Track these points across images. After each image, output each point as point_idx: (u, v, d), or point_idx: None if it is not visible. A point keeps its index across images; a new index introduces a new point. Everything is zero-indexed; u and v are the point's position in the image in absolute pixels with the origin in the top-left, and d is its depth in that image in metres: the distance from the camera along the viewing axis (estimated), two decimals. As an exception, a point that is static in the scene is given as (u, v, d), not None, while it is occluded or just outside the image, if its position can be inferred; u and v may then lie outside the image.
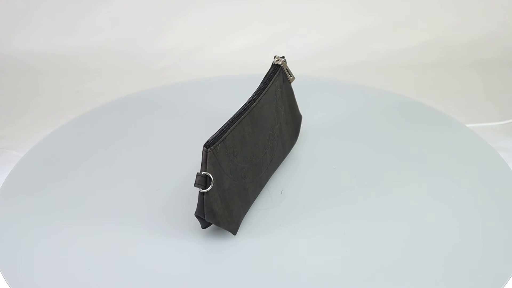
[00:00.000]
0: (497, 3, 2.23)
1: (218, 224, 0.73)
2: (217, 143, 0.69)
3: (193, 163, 0.90)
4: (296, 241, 0.75)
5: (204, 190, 0.69)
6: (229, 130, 0.72)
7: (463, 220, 0.78)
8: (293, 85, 0.89)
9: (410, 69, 2.11)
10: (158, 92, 1.13)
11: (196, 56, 2.18)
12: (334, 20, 2.23)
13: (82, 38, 2.21)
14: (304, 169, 0.89)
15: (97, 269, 0.71)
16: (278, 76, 0.83)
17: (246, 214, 0.78)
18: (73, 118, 1.04)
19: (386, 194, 0.83)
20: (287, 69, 0.85)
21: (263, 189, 0.83)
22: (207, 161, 0.69)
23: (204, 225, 0.75)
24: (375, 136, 0.96)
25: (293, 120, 0.90)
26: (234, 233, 0.75)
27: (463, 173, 0.87)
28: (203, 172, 0.69)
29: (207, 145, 0.68)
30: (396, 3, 2.24)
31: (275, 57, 0.84)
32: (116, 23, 2.23)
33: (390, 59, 2.15)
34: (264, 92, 0.79)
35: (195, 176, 0.69)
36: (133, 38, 2.22)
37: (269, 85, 0.81)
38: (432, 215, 0.79)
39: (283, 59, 0.84)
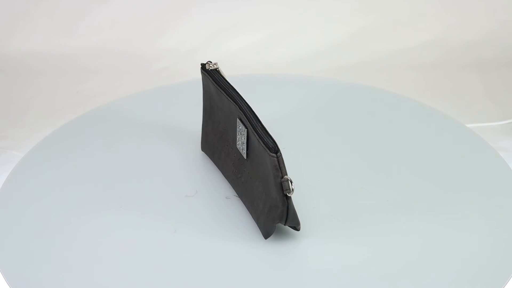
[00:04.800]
0: (497, 3, 2.23)
1: (298, 224, 0.73)
2: (277, 145, 0.69)
3: (194, 161, 0.90)
4: (350, 220, 0.77)
5: (290, 194, 0.68)
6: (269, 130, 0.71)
7: (462, 220, 0.78)
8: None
9: (410, 69, 2.11)
10: (158, 92, 1.13)
11: (196, 56, 2.18)
12: (334, 20, 2.23)
13: (82, 38, 2.21)
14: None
15: (110, 270, 0.71)
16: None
17: None
18: (73, 118, 1.04)
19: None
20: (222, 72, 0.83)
21: None
22: (280, 165, 0.68)
23: (269, 234, 0.73)
24: (371, 135, 0.96)
25: None
26: (299, 228, 0.74)
27: (462, 173, 0.87)
28: (285, 177, 0.68)
29: (275, 150, 0.67)
30: (396, 3, 2.24)
31: (207, 63, 0.82)
32: (116, 23, 2.23)
33: (390, 59, 2.15)
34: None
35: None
36: (132, 38, 2.22)
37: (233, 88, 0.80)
38: (429, 215, 0.79)
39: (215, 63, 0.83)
